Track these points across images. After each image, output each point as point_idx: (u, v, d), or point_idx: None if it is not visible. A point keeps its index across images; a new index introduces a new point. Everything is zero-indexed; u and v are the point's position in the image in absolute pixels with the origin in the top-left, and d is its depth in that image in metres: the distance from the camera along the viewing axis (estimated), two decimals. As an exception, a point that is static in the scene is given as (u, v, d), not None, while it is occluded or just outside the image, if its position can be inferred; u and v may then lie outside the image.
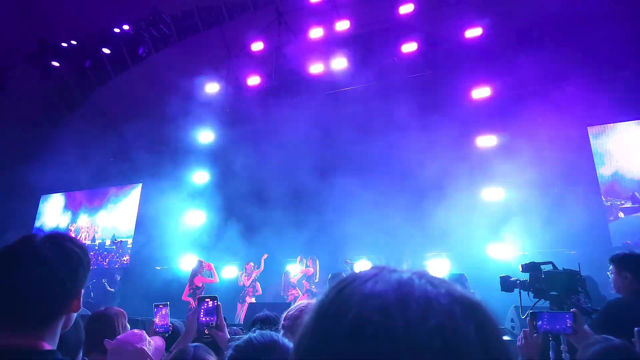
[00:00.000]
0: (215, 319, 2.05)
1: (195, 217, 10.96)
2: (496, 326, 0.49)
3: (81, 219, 13.88)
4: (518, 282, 2.87)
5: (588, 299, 2.67)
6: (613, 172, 8.51)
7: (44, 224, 14.21)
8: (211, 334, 2.03)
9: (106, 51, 11.17)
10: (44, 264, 1.06)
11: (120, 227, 13.03)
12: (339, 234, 8.66)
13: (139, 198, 12.90)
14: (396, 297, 0.47)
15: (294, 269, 8.83)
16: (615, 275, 2.76)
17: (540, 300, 2.70)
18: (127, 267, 12.29)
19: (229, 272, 9.81)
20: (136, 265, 11.96)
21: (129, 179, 13.01)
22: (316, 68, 10.39)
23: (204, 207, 10.91)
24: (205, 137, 11.48)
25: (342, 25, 10.18)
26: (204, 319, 2.05)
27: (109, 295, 10.82)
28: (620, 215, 8.23)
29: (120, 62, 12.85)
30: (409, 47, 9.88)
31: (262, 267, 9.01)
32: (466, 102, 9.20)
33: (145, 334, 1.84)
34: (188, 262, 9.91)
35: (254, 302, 8.38)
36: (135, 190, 13.12)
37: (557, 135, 8.21)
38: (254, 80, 11.30)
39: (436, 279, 0.51)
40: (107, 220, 13.38)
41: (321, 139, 9.87)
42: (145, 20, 10.44)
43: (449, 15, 9.37)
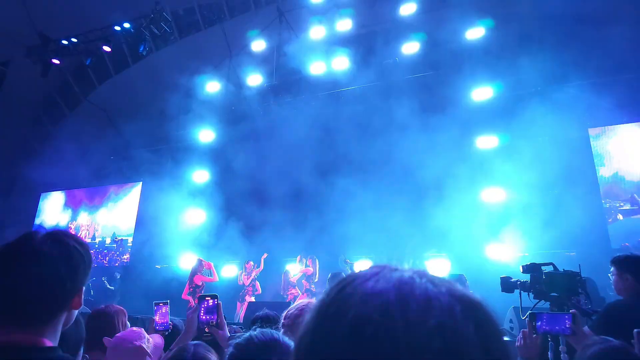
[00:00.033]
0: (216, 317, 2.05)
1: (196, 216, 10.97)
2: (496, 326, 0.49)
3: (81, 216, 13.88)
4: (518, 283, 2.86)
5: (588, 301, 2.67)
6: (613, 173, 8.50)
7: (44, 222, 14.19)
8: (211, 332, 2.03)
9: (107, 49, 11.16)
10: (45, 261, 1.06)
11: (120, 226, 13.03)
12: (339, 234, 8.65)
13: (139, 196, 12.89)
14: (396, 296, 0.46)
15: (293, 269, 8.83)
16: (616, 277, 2.78)
17: (540, 302, 2.71)
18: (127, 265, 12.30)
19: (229, 271, 9.82)
20: (136, 263, 11.96)
21: (129, 177, 13.01)
22: (317, 67, 10.38)
23: (204, 206, 10.92)
24: (206, 135, 11.48)
25: (344, 24, 10.18)
26: (204, 317, 2.05)
27: (108, 294, 10.81)
28: (619, 217, 8.22)
29: (121, 59, 12.86)
30: (410, 47, 9.90)
31: (261, 267, 9.01)
32: (467, 103, 9.22)
33: (144, 332, 1.84)
34: (188, 261, 9.92)
35: (254, 301, 8.38)
36: (135, 189, 13.11)
37: (558, 137, 8.21)
38: (254, 79, 11.30)
39: (437, 278, 0.51)
40: (108, 219, 13.38)
41: (322, 139, 9.87)
42: (147, 17, 10.42)
43: (450, 16, 9.36)
